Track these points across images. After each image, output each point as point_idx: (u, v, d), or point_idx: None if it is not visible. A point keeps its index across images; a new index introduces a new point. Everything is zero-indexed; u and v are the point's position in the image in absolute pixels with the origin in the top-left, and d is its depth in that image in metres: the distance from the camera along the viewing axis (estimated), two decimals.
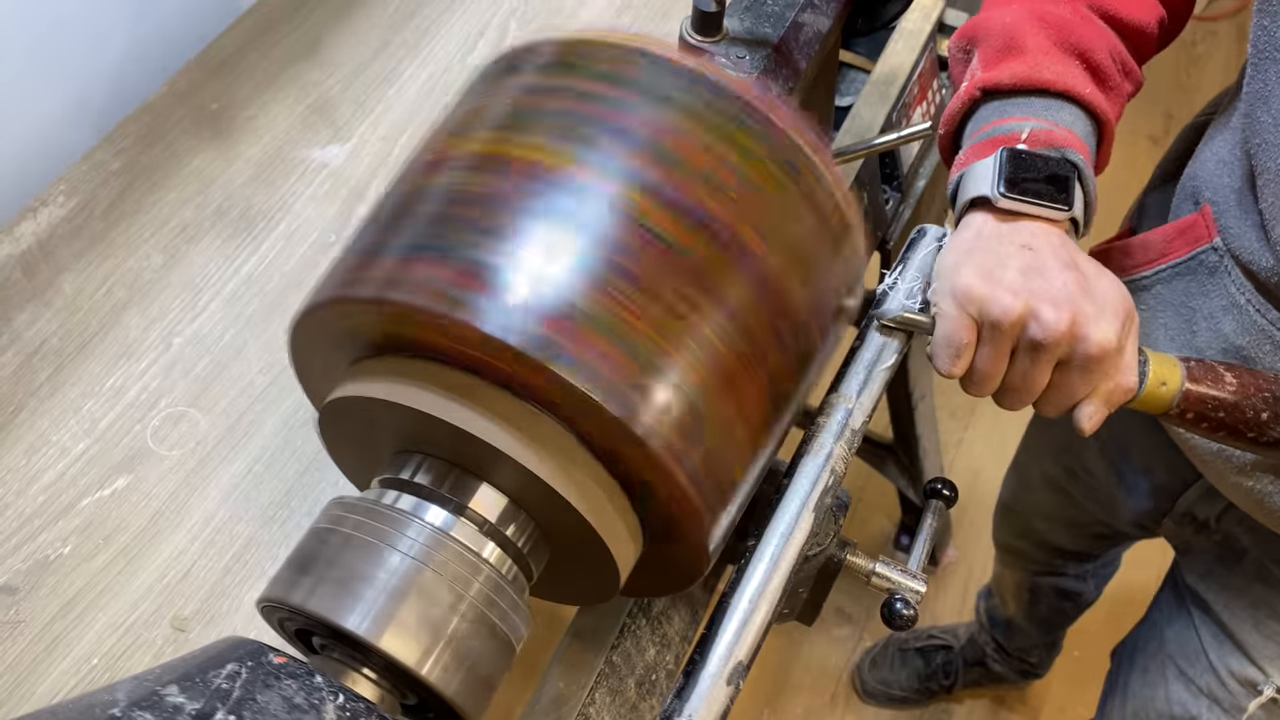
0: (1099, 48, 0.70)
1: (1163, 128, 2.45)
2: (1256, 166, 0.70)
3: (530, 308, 0.49)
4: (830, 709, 1.76)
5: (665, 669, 0.72)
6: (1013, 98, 0.69)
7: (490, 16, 1.09)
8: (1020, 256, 0.61)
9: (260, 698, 0.44)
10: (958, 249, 0.64)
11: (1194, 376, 0.64)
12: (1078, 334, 0.59)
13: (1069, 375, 0.61)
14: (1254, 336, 0.73)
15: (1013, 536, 1.39)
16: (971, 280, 0.61)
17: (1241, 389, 0.63)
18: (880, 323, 0.66)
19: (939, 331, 0.62)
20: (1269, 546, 0.89)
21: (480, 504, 0.55)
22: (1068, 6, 0.71)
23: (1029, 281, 0.60)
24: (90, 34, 0.99)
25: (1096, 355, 0.60)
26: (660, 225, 0.52)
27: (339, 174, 0.96)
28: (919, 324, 0.64)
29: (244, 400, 0.82)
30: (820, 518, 0.59)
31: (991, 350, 0.61)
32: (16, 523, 0.75)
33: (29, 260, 0.88)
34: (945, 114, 0.73)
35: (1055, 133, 0.66)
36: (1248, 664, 0.93)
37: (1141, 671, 1.08)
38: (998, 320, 0.60)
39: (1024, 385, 0.62)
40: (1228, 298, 0.75)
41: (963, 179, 0.67)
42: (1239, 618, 0.95)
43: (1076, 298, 0.59)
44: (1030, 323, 0.59)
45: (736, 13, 0.80)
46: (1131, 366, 0.62)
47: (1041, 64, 0.68)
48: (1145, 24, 0.73)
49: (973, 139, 0.69)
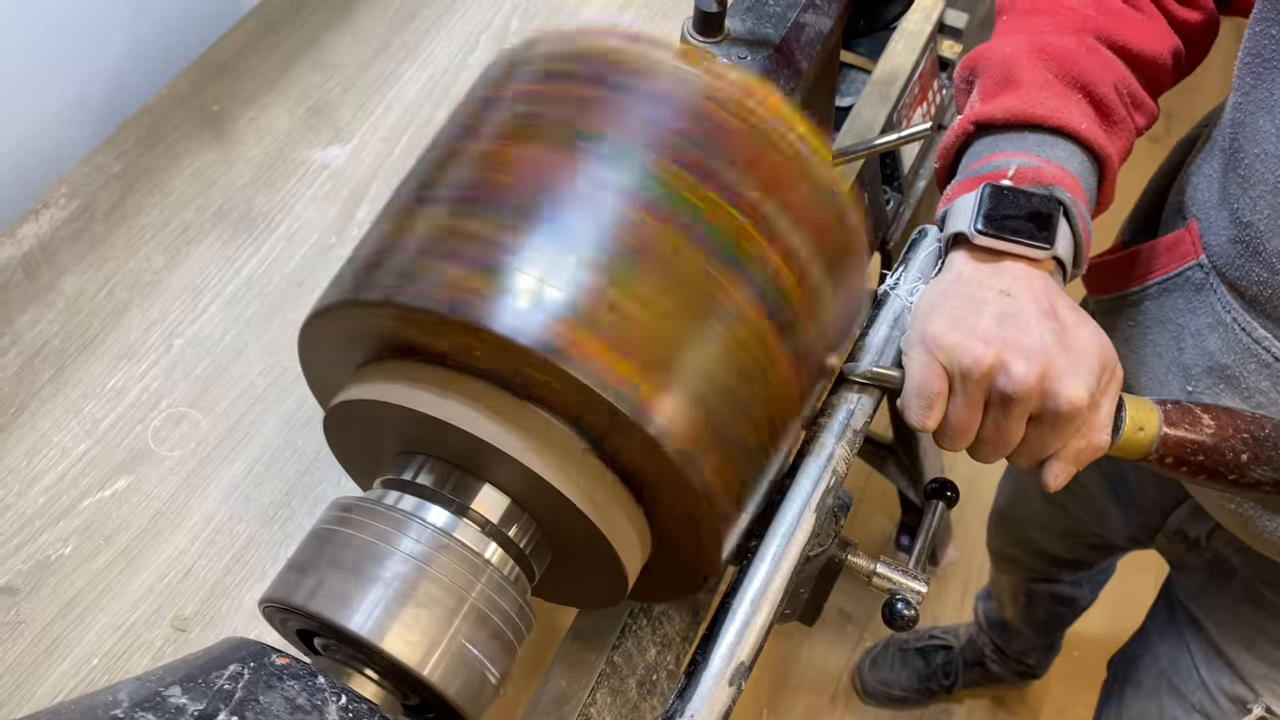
0: (1103, 80, 0.67)
1: (1163, 127, 2.45)
2: (1250, 177, 0.68)
3: (539, 309, 0.49)
4: (830, 709, 1.76)
5: (666, 669, 0.72)
6: (1006, 133, 0.67)
7: (490, 17, 1.10)
8: (997, 303, 0.59)
9: (263, 698, 0.44)
10: (934, 293, 0.62)
11: (1171, 420, 0.62)
12: (1048, 389, 0.57)
13: (1040, 429, 0.59)
14: (1239, 355, 0.72)
15: (1007, 545, 1.39)
16: (943, 329, 0.59)
17: (1219, 431, 0.61)
18: (852, 378, 0.62)
19: (909, 382, 0.60)
20: (1257, 567, 0.89)
21: (482, 505, 0.55)
22: (1073, 38, 0.68)
23: (1003, 330, 0.58)
24: (90, 34, 0.99)
25: (1067, 412, 0.57)
26: (669, 226, 0.52)
27: (340, 175, 0.96)
28: (889, 378, 0.62)
29: (244, 401, 0.82)
30: (822, 518, 0.59)
31: (964, 401, 0.59)
32: (17, 523, 0.75)
33: (31, 262, 0.88)
34: (940, 147, 0.71)
35: (1044, 170, 0.63)
36: (1238, 683, 0.93)
37: (1136, 686, 1.08)
38: (968, 370, 0.57)
39: (998, 438, 0.60)
40: (1213, 315, 0.73)
41: (946, 214, 0.65)
42: (1229, 637, 0.94)
43: (1050, 350, 0.57)
44: (999, 375, 0.57)
45: (738, 13, 0.80)
46: (1105, 424, 0.60)
47: (1036, 98, 0.65)
48: (1157, 55, 0.70)
49: (962, 174, 0.67)
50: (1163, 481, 0.94)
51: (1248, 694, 0.92)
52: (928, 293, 0.63)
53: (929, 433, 0.60)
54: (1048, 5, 0.71)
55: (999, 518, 1.39)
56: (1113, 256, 0.86)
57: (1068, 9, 0.70)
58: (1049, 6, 0.70)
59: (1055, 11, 0.70)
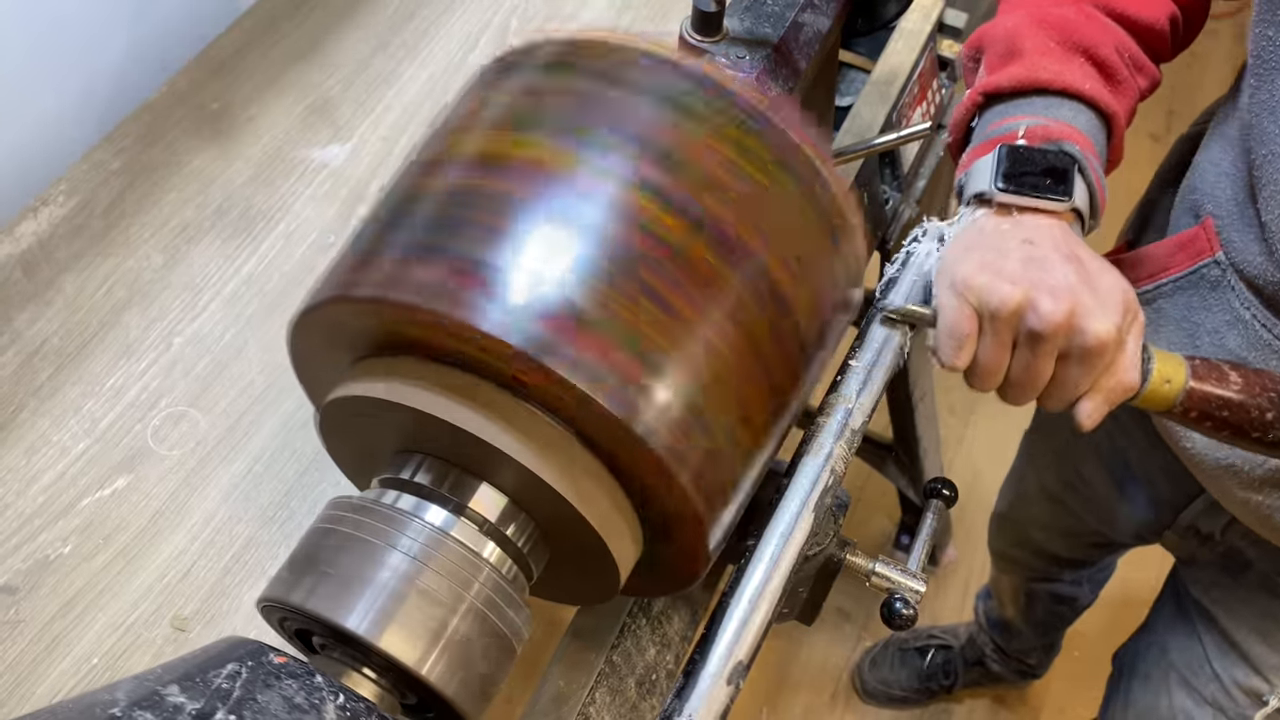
0: (1104, 43, 0.69)
1: (1164, 125, 2.45)
2: (1262, 178, 0.69)
3: (530, 307, 0.49)
4: (830, 709, 1.76)
5: (665, 669, 0.72)
6: (1014, 100, 0.69)
7: (490, 16, 1.10)
8: (1021, 249, 0.61)
9: (261, 697, 0.44)
10: (959, 245, 0.64)
11: (1199, 374, 0.63)
12: (1076, 325, 0.59)
13: (1068, 368, 0.61)
14: (1260, 351, 0.72)
15: (1009, 545, 1.39)
16: (971, 271, 0.61)
17: (1247, 388, 0.62)
18: (883, 314, 0.65)
19: (941, 323, 0.62)
20: (1275, 559, 0.89)
21: (480, 504, 0.55)
22: (1072, 7, 0.71)
23: (1029, 272, 0.60)
24: (90, 33, 0.99)
25: (1095, 348, 0.59)
26: (661, 225, 0.52)
27: (339, 174, 0.96)
28: (921, 316, 0.64)
29: (244, 400, 0.82)
30: (820, 517, 0.59)
31: (993, 341, 0.61)
32: (16, 523, 0.75)
33: (29, 260, 0.88)
34: (951, 121, 0.73)
35: (1051, 127, 0.66)
36: (1253, 674, 0.93)
37: (1144, 679, 1.08)
38: (996, 309, 0.59)
39: (1027, 378, 0.61)
40: (1231, 312, 0.74)
41: (965, 179, 0.68)
42: (1244, 629, 0.94)
43: (1076, 289, 0.59)
44: (1028, 313, 0.59)
45: (736, 13, 0.80)
46: (1134, 363, 0.61)
47: (1039, 64, 0.68)
48: (1154, 20, 0.72)
49: (976, 140, 0.69)
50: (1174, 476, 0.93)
51: (1263, 685, 0.92)
52: (954, 245, 0.65)
53: (959, 371, 0.62)
54: None
55: (1000, 519, 1.39)
56: (1119, 257, 0.86)
57: None
58: None
59: None
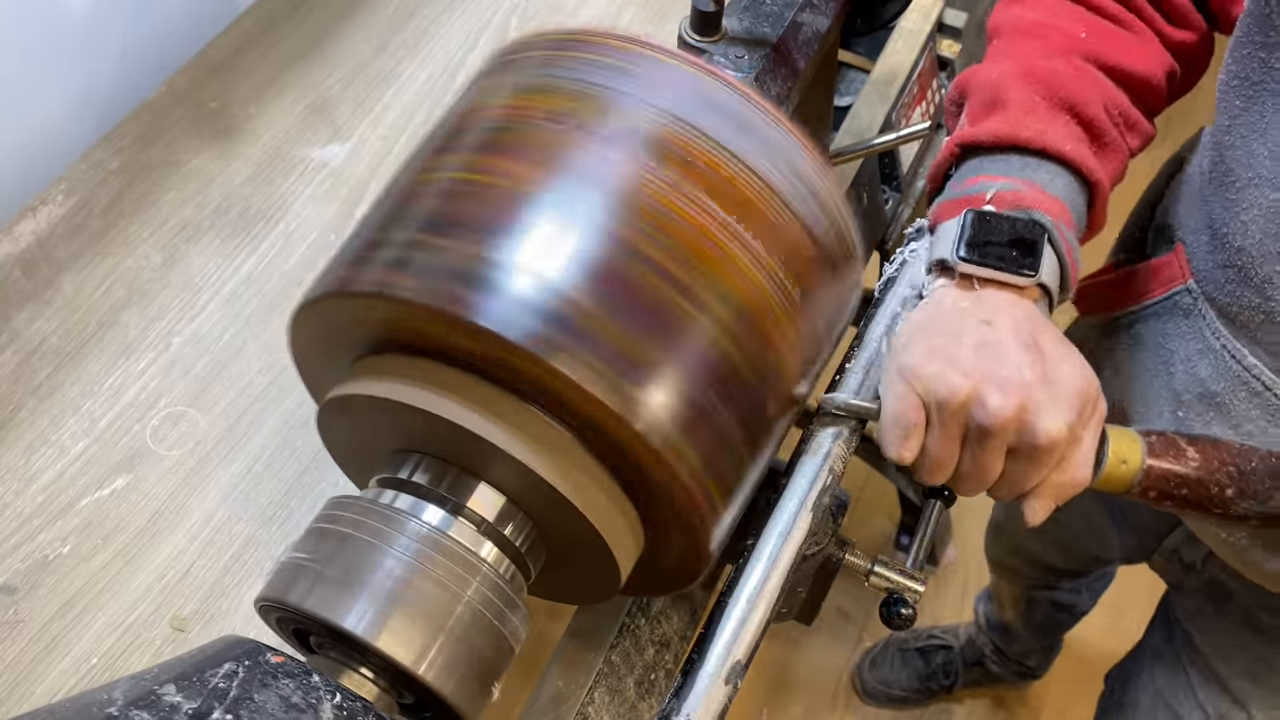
0: (1092, 100, 0.66)
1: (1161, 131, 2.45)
2: (1241, 202, 0.66)
3: (530, 303, 0.49)
4: (830, 709, 1.75)
5: (664, 668, 0.72)
6: (991, 155, 0.65)
7: (490, 16, 1.10)
8: (976, 333, 0.58)
9: (257, 697, 0.44)
10: (914, 323, 0.61)
11: (1155, 452, 0.60)
12: (1025, 421, 0.55)
13: (1018, 464, 0.57)
14: (1229, 382, 0.71)
15: (1005, 554, 1.39)
16: (919, 358, 0.57)
17: (1204, 464, 0.60)
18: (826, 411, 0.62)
19: (886, 411, 0.59)
20: (1255, 593, 0.87)
21: (478, 503, 0.55)
22: (1062, 59, 0.67)
23: (981, 362, 0.56)
24: (89, 33, 0.99)
25: (1045, 446, 0.56)
26: (662, 222, 0.52)
27: (338, 173, 0.96)
28: (865, 410, 0.61)
29: (243, 400, 0.82)
30: (818, 517, 0.59)
31: (940, 433, 0.57)
32: (15, 522, 0.75)
33: (28, 259, 0.88)
34: (929, 169, 0.70)
35: (1024, 193, 0.62)
36: (1235, 707, 0.93)
37: (1133, 707, 1.08)
38: (944, 400, 0.56)
39: (975, 472, 0.58)
40: (1203, 341, 0.72)
41: (931, 242, 0.64)
42: (1226, 661, 0.94)
43: (1029, 383, 0.55)
44: (975, 407, 0.56)
45: (735, 12, 0.80)
46: (1087, 460, 0.58)
47: (1021, 121, 0.64)
48: (1150, 75, 0.69)
49: (946, 194, 0.66)
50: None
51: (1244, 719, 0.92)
52: (908, 322, 0.62)
53: (906, 464, 0.59)
54: (1036, 29, 0.69)
55: (996, 529, 1.39)
56: (1105, 278, 0.85)
57: (1057, 32, 0.69)
58: (1037, 30, 0.69)
59: (1044, 35, 0.69)
